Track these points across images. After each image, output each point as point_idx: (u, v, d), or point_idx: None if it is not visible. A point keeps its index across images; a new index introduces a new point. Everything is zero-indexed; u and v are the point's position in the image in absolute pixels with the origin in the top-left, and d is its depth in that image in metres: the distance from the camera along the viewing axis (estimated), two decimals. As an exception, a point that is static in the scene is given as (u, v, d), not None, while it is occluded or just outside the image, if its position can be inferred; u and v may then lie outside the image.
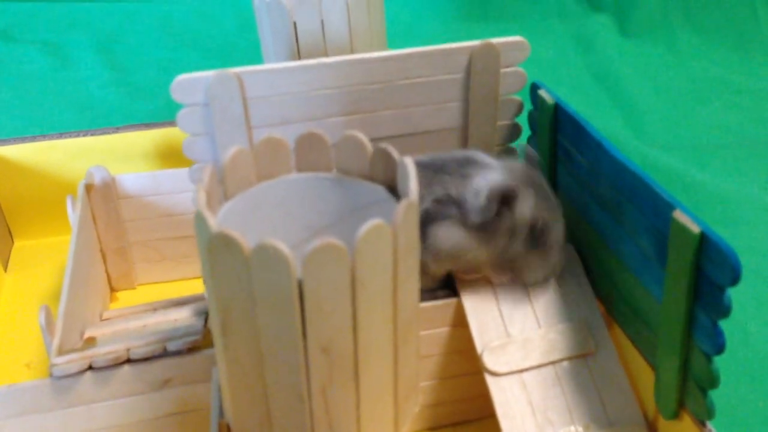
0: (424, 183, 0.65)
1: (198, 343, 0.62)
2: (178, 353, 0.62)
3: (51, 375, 0.60)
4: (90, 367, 0.60)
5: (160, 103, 1.42)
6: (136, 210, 0.89)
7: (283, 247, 0.45)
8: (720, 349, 0.51)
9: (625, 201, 0.63)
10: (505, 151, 0.83)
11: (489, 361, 0.64)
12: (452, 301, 0.69)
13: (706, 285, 0.52)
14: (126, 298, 0.91)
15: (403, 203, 0.49)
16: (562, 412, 0.63)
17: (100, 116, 1.35)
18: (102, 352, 0.61)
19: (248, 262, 0.46)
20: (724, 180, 1.15)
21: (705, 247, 0.52)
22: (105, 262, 0.90)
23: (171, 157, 0.99)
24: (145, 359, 0.61)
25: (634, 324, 0.63)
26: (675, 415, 0.58)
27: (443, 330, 0.69)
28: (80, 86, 1.46)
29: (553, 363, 0.65)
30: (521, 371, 0.64)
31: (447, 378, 0.72)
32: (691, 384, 0.56)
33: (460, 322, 0.69)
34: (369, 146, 0.57)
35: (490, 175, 0.65)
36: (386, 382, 0.51)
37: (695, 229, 0.53)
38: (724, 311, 0.51)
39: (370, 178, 0.58)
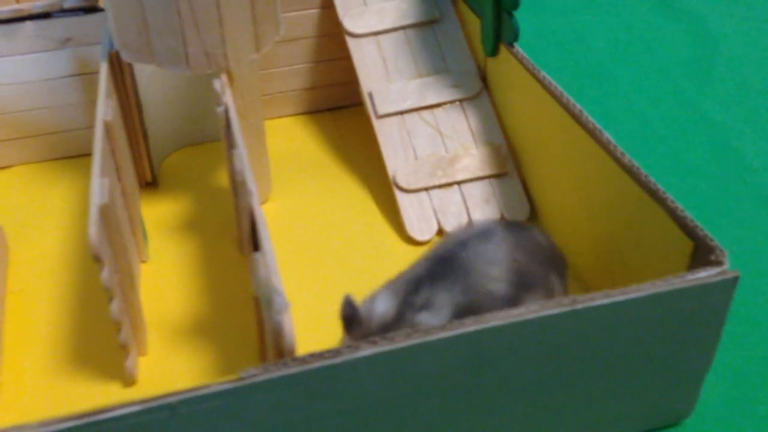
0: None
1: (93, 2, 0.71)
2: (75, 11, 0.71)
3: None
4: (-5, 21, 0.69)
5: None
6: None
7: None
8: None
9: None
10: None
11: (349, 24, 0.75)
12: (320, -18, 0.79)
13: None
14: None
15: None
16: (409, 65, 0.75)
17: None
18: (5, 9, 0.69)
19: None
20: None
21: None
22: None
23: None
24: (45, 15, 0.70)
25: (469, -12, 0.74)
26: (494, 51, 0.70)
27: (315, 11, 0.80)
28: None
29: (404, 28, 0.76)
30: (377, 33, 0.76)
31: (322, 61, 0.83)
32: (503, 14, 0.68)
33: (328, 4, 0.79)
34: None
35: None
36: (243, -7, 0.61)
37: None
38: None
39: None
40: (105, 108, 0.58)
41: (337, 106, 0.87)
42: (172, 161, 0.80)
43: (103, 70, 0.64)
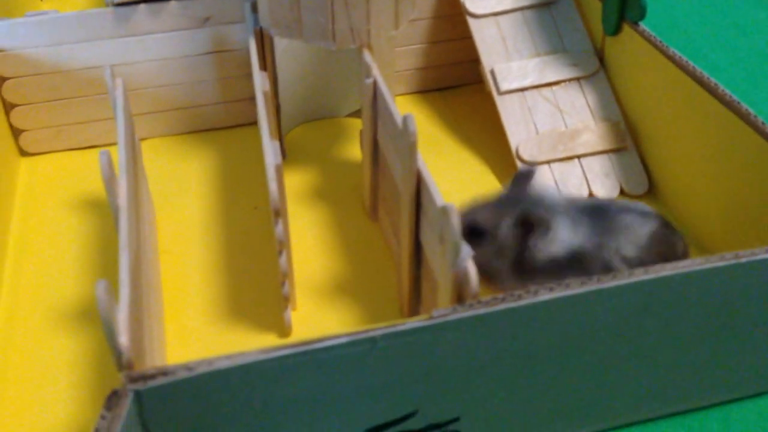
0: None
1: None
2: (215, -10, 0.75)
3: (111, 4, 0.73)
4: (144, -1, 0.74)
5: None
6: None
7: None
8: (650, -53, 0.65)
9: None
10: None
11: (470, 5, 0.78)
12: (440, -34, 0.82)
13: None
14: None
15: None
16: (528, 45, 0.78)
17: None
18: (154, -14, 0.74)
19: None
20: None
21: None
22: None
23: None
24: (189, -5, 0.75)
25: (588, -30, 0.77)
26: (617, 29, 0.73)
27: (432, -6, 0.83)
28: None
29: (522, 9, 0.79)
30: (496, 14, 0.79)
31: (435, 42, 0.86)
32: (630, -7, 0.70)
33: (447, -14, 0.83)
34: None
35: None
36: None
37: None
38: None
39: None
40: (262, 80, 0.62)
41: (447, 86, 0.91)
42: (294, 136, 0.85)
43: (252, 45, 0.68)
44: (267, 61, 0.73)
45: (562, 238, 0.55)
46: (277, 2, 0.66)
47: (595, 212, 0.56)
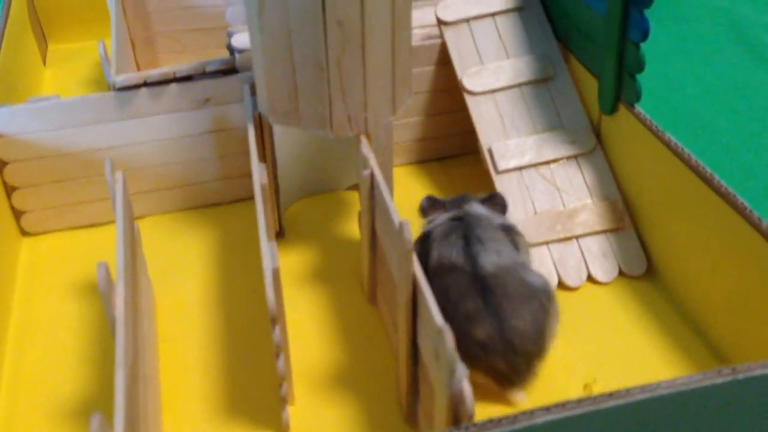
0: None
1: (231, 65, 0.76)
2: (215, 74, 0.76)
3: (113, 89, 0.74)
4: (145, 83, 0.74)
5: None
6: (159, 0, 1.01)
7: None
8: (645, 34, 0.66)
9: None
10: None
11: (468, 83, 0.79)
12: (437, 41, 0.82)
13: (636, -17, 0.66)
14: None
15: None
16: (525, 122, 0.78)
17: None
18: (154, 72, 0.74)
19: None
20: None
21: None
22: (134, 51, 1.03)
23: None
24: (189, 78, 0.75)
25: (584, 46, 0.77)
26: (613, 109, 0.73)
27: (430, 69, 0.84)
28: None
29: (519, 85, 0.80)
30: (493, 91, 0.79)
31: (434, 114, 0.87)
32: (625, 75, 0.71)
33: (444, 61, 0.83)
34: None
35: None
36: (385, 60, 0.65)
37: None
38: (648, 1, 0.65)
39: None
40: (260, 172, 0.62)
41: (446, 156, 0.91)
42: (293, 210, 0.85)
43: (251, 133, 0.69)
44: (266, 144, 0.73)
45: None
46: (275, 91, 0.66)
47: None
